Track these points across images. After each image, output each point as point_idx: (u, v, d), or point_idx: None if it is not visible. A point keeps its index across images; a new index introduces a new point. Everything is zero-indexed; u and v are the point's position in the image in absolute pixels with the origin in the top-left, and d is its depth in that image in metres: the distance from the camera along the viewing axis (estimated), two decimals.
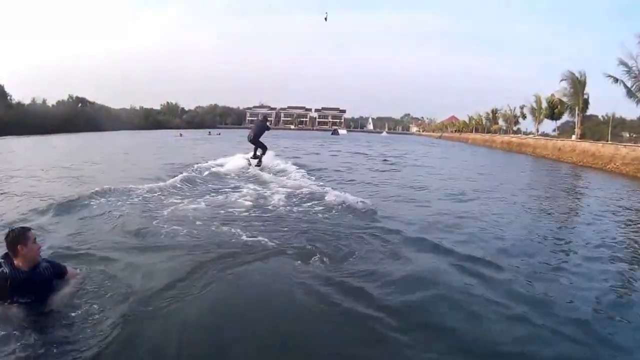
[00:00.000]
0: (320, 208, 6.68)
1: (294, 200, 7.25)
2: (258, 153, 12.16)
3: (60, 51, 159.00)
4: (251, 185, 8.64)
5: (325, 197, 7.24)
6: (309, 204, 6.99)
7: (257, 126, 12.72)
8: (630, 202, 10.42)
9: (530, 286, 3.87)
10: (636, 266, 4.87)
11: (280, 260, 4.18)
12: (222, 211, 6.32)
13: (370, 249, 4.68)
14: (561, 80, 28.80)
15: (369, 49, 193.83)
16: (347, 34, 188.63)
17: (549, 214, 8.07)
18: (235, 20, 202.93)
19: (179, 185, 8.18)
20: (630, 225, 7.43)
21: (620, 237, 6.20)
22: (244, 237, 4.81)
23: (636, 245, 5.90)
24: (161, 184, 8.18)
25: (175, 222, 5.41)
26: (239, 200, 7.13)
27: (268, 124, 13.42)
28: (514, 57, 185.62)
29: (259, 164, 11.77)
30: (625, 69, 21.48)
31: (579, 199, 11.01)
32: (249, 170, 11.05)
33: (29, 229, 2.88)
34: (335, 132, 67.60)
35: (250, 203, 6.87)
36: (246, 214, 6.22)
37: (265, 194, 7.77)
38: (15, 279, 2.65)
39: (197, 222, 5.50)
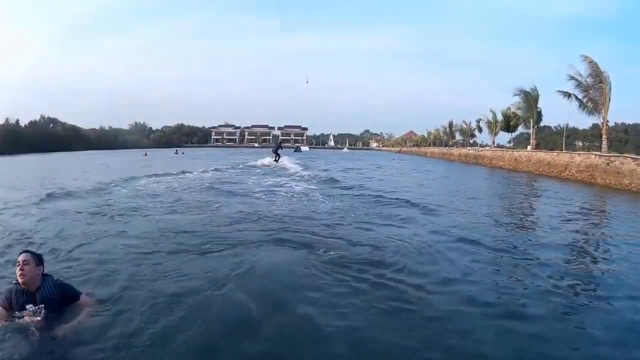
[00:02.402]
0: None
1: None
2: (277, 158, 25.25)
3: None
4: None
5: None
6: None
7: (277, 144, 26.89)
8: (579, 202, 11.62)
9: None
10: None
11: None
12: None
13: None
14: (514, 95, 30.18)
15: (328, 67, 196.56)
16: (307, 53, 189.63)
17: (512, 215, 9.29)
18: (199, 41, 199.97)
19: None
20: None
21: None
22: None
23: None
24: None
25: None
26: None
27: (281, 144, 29.28)
28: (470, 73, 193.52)
29: (276, 162, 24.55)
30: (575, 83, 22.33)
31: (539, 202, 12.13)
32: (275, 165, 23.52)
33: (21, 253, 3.01)
34: (297, 149, 66.58)
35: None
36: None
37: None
38: (17, 296, 2.89)
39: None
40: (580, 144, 31.69)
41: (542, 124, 31.51)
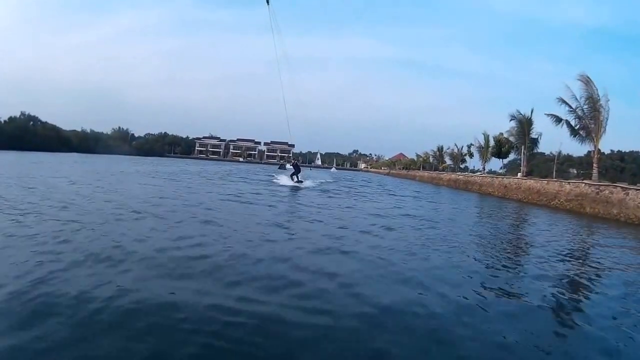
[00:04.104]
0: None
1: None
2: (298, 177, 24.45)
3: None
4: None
5: None
6: None
7: (297, 166, 25.47)
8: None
9: None
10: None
11: None
12: None
13: None
14: (510, 119, 30.24)
15: (317, 86, 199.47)
16: (297, 68, 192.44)
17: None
18: (184, 52, 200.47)
19: None
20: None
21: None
22: None
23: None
24: None
25: None
26: None
27: (300, 165, 26.86)
28: (462, 96, 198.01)
29: (299, 181, 24.00)
30: (570, 109, 22.40)
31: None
32: (296, 184, 23.42)
33: None
34: (282, 167, 65.63)
35: None
36: None
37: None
38: None
39: None
40: (575, 171, 32.33)
41: (537, 150, 31.34)
